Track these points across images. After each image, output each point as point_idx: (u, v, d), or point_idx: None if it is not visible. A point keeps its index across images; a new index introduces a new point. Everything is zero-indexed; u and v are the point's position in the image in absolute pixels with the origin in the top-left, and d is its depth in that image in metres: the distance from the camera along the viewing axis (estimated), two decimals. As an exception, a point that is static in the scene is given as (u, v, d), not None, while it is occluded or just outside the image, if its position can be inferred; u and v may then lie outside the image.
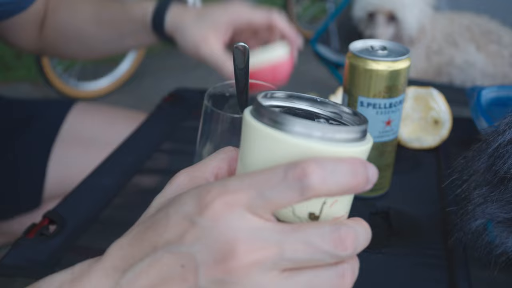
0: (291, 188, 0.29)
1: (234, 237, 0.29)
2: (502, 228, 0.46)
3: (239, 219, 0.29)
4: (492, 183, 0.46)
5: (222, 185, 0.30)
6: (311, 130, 0.30)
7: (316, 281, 0.30)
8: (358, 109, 0.57)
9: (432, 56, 1.72)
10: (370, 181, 0.30)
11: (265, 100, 0.35)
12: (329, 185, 0.29)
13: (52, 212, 0.58)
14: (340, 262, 0.31)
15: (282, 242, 0.29)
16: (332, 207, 0.32)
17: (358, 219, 0.32)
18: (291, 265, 0.29)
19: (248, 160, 0.32)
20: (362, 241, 0.31)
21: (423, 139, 0.72)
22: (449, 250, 0.53)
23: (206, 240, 0.29)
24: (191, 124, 0.75)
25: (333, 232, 0.29)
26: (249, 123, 0.32)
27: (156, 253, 0.30)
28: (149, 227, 0.31)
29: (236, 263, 0.28)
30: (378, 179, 0.62)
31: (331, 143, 0.30)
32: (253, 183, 0.29)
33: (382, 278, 0.50)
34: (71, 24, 0.84)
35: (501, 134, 0.46)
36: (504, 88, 0.78)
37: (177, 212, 0.30)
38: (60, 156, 0.82)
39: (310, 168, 0.28)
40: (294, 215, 0.31)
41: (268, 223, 0.30)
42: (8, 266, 0.50)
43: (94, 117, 0.88)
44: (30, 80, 2.77)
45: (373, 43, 0.58)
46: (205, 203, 0.29)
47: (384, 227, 0.57)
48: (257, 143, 0.31)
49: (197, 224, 0.29)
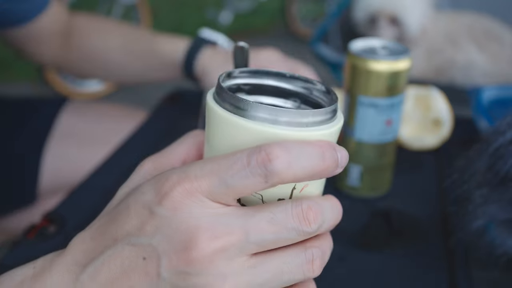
0: (254, 174, 0.27)
1: (195, 225, 0.27)
2: (503, 228, 0.46)
3: (199, 206, 0.28)
4: (492, 184, 0.46)
5: (182, 171, 0.29)
6: (275, 115, 0.28)
7: (285, 267, 0.29)
8: (358, 109, 0.57)
9: (432, 55, 1.72)
10: (339, 165, 0.29)
11: (230, 80, 0.33)
12: (294, 170, 0.27)
13: (52, 212, 0.58)
14: (309, 247, 0.29)
15: (245, 224, 0.28)
16: (302, 192, 0.30)
17: (328, 195, 0.31)
18: (257, 248, 0.28)
19: (214, 143, 0.31)
20: (329, 216, 0.30)
21: (424, 139, 0.72)
22: (450, 250, 0.53)
23: (166, 230, 0.28)
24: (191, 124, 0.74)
25: (296, 207, 0.28)
26: (211, 108, 0.30)
27: (116, 245, 0.29)
28: (111, 219, 0.30)
29: (199, 253, 0.27)
30: (378, 179, 0.62)
31: (297, 127, 0.29)
32: (215, 169, 0.28)
33: (382, 278, 0.50)
34: (100, 51, 0.84)
35: (502, 134, 0.46)
36: (505, 88, 0.78)
37: (136, 202, 0.29)
38: (54, 153, 0.82)
39: (274, 152, 0.27)
40: (263, 202, 0.30)
41: (229, 208, 0.29)
42: (8, 267, 0.50)
43: (89, 113, 0.88)
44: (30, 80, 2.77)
45: (373, 42, 0.58)
46: (164, 191, 0.28)
47: (384, 227, 0.57)
48: (221, 129, 0.30)
49: (157, 213, 0.28)
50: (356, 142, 0.59)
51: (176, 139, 0.36)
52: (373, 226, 0.57)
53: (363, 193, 0.61)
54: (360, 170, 0.60)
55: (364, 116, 0.57)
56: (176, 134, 0.55)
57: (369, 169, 0.60)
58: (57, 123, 0.85)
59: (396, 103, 0.57)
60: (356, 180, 0.61)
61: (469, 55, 1.68)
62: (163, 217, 0.28)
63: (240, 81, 0.34)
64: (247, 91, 0.35)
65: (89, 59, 0.85)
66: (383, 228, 0.57)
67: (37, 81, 2.64)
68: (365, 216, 0.58)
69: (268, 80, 0.35)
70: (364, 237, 0.55)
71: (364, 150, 0.59)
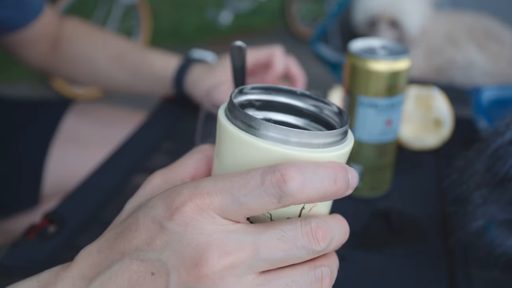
0: (268, 194, 0.27)
1: (206, 241, 0.27)
2: (502, 228, 0.46)
3: (211, 223, 0.28)
4: (492, 184, 0.46)
5: (194, 187, 0.29)
6: (286, 135, 0.28)
7: (293, 285, 0.29)
8: (358, 109, 0.57)
9: (432, 55, 1.72)
10: (350, 186, 0.29)
11: (241, 96, 0.33)
12: (308, 192, 0.27)
13: (52, 212, 0.58)
14: (318, 265, 0.30)
15: (256, 241, 0.28)
16: (310, 212, 0.31)
17: (335, 214, 0.31)
18: (267, 266, 0.28)
19: (224, 160, 0.31)
20: (337, 235, 0.30)
21: (425, 139, 0.72)
22: (449, 250, 0.53)
23: (176, 245, 0.28)
24: (190, 124, 0.75)
25: (305, 226, 0.28)
26: (222, 124, 0.30)
27: (124, 260, 0.29)
28: (119, 233, 0.30)
29: (209, 269, 0.27)
30: (378, 179, 0.62)
31: (308, 148, 0.29)
32: (228, 187, 0.28)
33: (382, 278, 0.50)
34: (87, 56, 0.85)
35: (501, 135, 0.46)
36: (505, 88, 0.78)
37: (146, 216, 0.29)
38: (58, 156, 0.83)
39: (288, 173, 0.27)
40: (271, 220, 0.30)
41: (239, 225, 0.28)
42: (8, 267, 0.50)
43: (92, 116, 0.88)
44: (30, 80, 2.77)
45: (373, 42, 0.58)
46: (175, 206, 0.28)
47: (384, 227, 0.57)
48: (231, 146, 0.30)
49: (167, 228, 0.28)
50: (356, 142, 0.59)
51: (176, 139, 0.36)
52: (373, 226, 0.57)
53: (363, 193, 0.61)
54: (360, 170, 0.60)
55: (364, 116, 0.57)
56: (176, 134, 0.55)
57: (369, 169, 0.60)
58: (61, 126, 0.85)
59: (396, 103, 0.57)
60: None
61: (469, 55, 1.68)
62: (173, 232, 0.28)
63: (251, 97, 0.34)
64: (257, 107, 0.35)
65: (77, 66, 0.86)
66: (383, 228, 0.57)
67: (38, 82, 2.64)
68: (365, 216, 0.58)
69: (279, 97, 0.35)
70: (364, 237, 0.55)
71: (364, 150, 0.59)
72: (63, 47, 0.85)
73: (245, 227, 0.28)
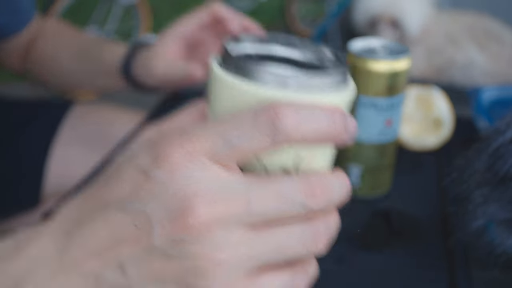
0: (261, 133, 0.25)
1: (193, 189, 0.25)
2: (503, 228, 0.46)
3: (200, 169, 0.26)
4: (492, 183, 0.46)
5: (183, 132, 0.26)
6: (283, 78, 0.27)
7: (287, 242, 0.27)
8: (358, 108, 0.57)
9: (433, 55, 1.72)
10: (348, 132, 0.27)
11: (235, 45, 0.31)
12: (303, 130, 0.26)
13: (51, 212, 0.57)
14: (314, 222, 0.27)
15: (248, 192, 0.26)
16: (309, 164, 0.28)
17: (337, 171, 0.29)
18: (259, 221, 0.26)
19: (218, 110, 0.29)
20: (337, 193, 0.28)
21: (425, 139, 0.72)
22: (450, 250, 0.53)
23: (162, 195, 0.26)
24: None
25: (303, 181, 0.26)
26: (215, 73, 0.28)
27: (106, 211, 0.27)
28: (101, 184, 0.28)
29: (195, 220, 0.25)
30: (378, 179, 0.62)
31: (306, 91, 0.27)
32: (219, 130, 0.26)
33: (382, 278, 0.50)
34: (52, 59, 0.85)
35: (502, 134, 0.46)
36: (505, 88, 0.78)
37: (130, 165, 0.27)
38: (59, 156, 0.83)
39: (283, 111, 0.25)
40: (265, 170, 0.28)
41: (231, 173, 0.26)
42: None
43: (93, 117, 0.88)
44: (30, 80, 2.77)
45: (373, 42, 0.58)
46: (162, 153, 0.26)
47: (384, 227, 0.57)
48: (226, 95, 0.28)
49: (153, 177, 0.26)
50: (356, 142, 0.59)
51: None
52: (373, 226, 0.57)
53: (363, 193, 0.61)
54: (360, 170, 0.60)
55: (364, 116, 0.57)
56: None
57: (369, 169, 0.60)
58: (61, 126, 0.85)
59: (396, 103, 0.57)
60: (356, 180, 0.61)
61: (469, 55, 1.68)
62: (159, 181, 0.26)
63: (245, 46, 0.32)
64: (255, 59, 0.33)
65: (41, 65, 0.86)
66: (383, 228, 0.57)
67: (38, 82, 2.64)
68: (365, 216, 0.58)
69: (275, 47, 0.32)
70: (364, 237, 0.55)
71: (364, 150, 0.59)
72: (33, 50, 0.85)
73: (237, 176, 0.26)
